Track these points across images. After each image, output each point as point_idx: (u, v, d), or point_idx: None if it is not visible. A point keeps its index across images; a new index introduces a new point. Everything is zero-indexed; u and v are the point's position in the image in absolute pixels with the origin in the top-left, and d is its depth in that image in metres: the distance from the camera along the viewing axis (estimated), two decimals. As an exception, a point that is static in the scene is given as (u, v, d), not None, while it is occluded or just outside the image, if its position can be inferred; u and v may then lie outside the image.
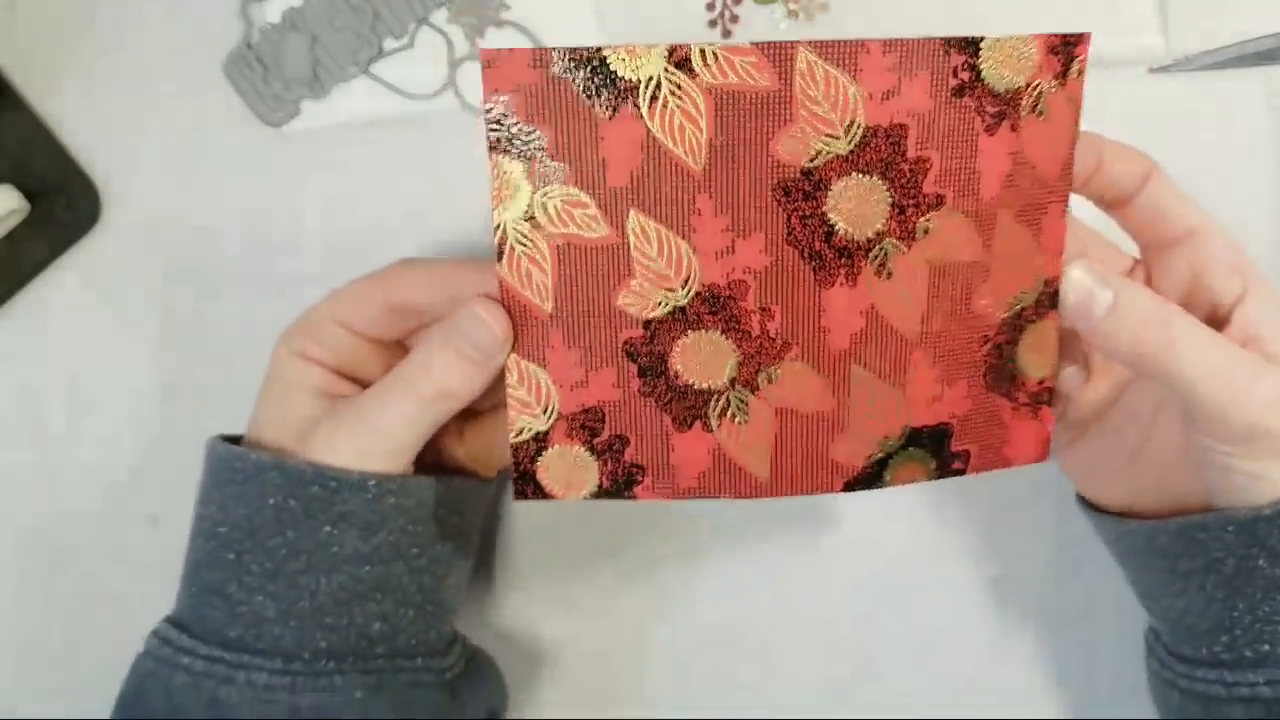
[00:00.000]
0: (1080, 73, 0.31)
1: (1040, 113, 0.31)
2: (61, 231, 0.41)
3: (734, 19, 0.40)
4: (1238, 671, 0.31)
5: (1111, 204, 0.33)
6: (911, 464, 0.33)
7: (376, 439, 0.32)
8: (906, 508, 0.42)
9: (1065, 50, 0.31)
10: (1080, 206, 0.33)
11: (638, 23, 0.40)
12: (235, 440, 0.34)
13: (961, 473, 0.33)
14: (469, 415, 0.35)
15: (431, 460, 0.35)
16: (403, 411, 0.32)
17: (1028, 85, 0.30)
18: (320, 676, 0.31)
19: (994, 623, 0.42)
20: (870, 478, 0.32)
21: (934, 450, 0.33)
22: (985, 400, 0.33)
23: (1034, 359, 0.33)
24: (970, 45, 0.30)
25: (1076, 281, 0.32)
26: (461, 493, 0.35)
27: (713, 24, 0.41)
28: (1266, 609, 0.31)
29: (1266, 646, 0.31)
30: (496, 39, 0.41)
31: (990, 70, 0.30)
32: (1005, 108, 0.30)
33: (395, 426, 0.32)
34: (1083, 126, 0.31)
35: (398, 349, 0.36)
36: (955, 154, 0.30)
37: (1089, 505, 0.36)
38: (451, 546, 0.35)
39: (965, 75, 0.30)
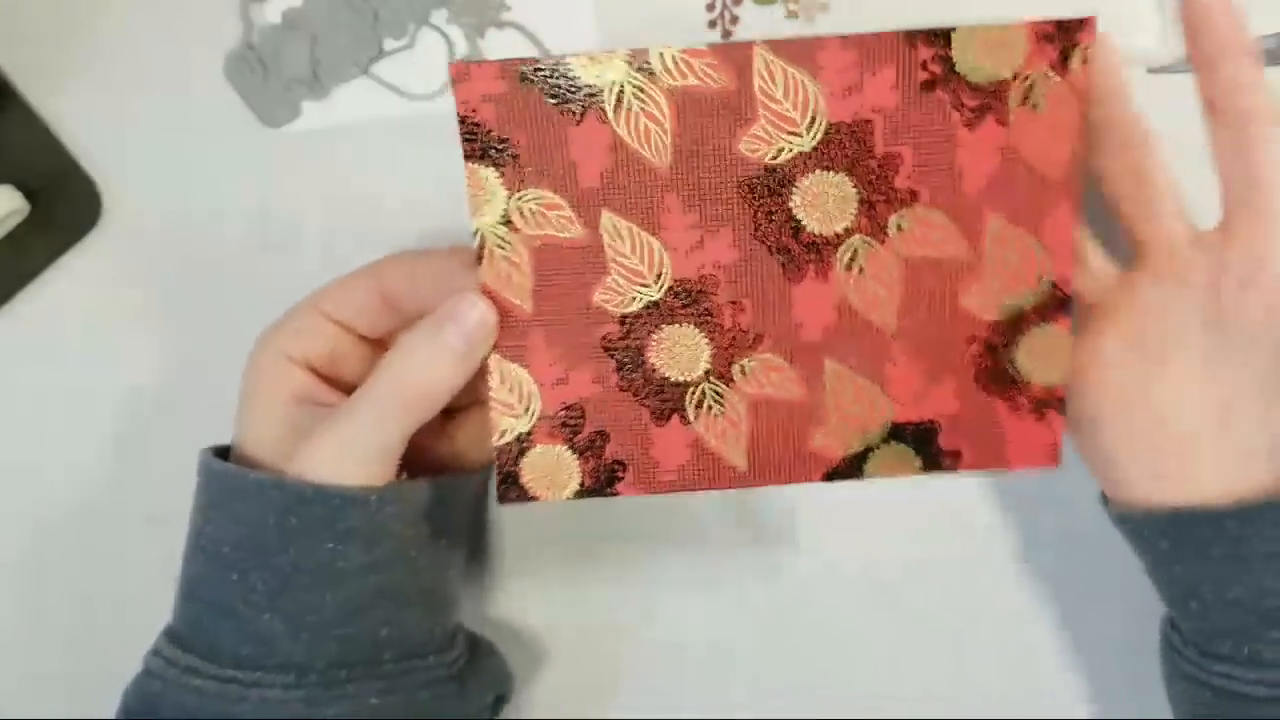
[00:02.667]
0: (1085, 61, 0.30)
1: (1034, 105, 0.30)
2: (62, 232, 0.41)
3: (734, 19, 0.40)
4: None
5: None
6: (894, 459, 0.33)
7: (363, 449, 0.31)
8: (904, 503, 0.42)
9: (1063, 37, 0.30)
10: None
11: (637, 23, 0.40)
12: (224, 451, 0.34)
13: (952, 469, 0.33)
14: (451, 411, 0.35)
15: (417, 458, 0.35)
16: (384, 416, 0.31)
17: (1015, 76, 0.30)
18: (334, 687, 0.32)
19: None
20: (850, 469, 0.33)
21: (918, 447, 0.33)
22: (977, 400, 0.33)
23: (1039, 364, 0.32)
24: (940, 37, 0.29)
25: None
26: (451, 488, 0.35)
27: (712, 24, 0.41)
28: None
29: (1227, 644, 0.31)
30: (496, 40, 0.41)
31: (965, 62, 0.30)
32: (988, 100, 0.30)
33: (380, 434, 0.32)
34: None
35: (381, 350, 0.35)
36: (930, 149, 0.30)
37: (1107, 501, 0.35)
38: (447, 543, 0.35)
39: (936, 68, 0.30)
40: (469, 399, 0.35)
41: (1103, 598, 0.41)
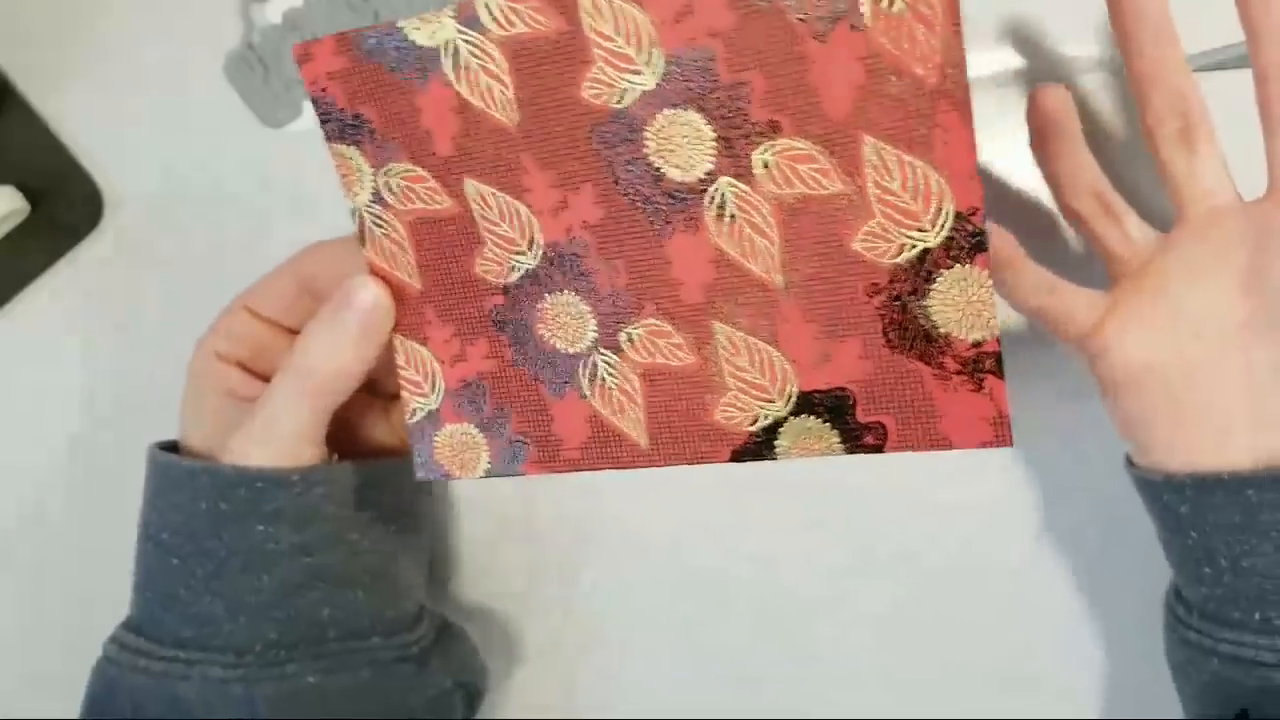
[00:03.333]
0: None
1: (890, 3, 0.25)
2: (62, 232, 0.41)
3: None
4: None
5: None
6: (808, 435, 0.29)
7: (281, 435, 0.32)
8: (903, 498, 0.42)
9: None
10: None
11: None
12: (174, 445, 0.35)
13: (879, 449, 0.28)
14: (390, 396, 0.36)
15: (361, 445, 0.36)
16: (297, 402, 0.32)
17: None
18: (272, 666, 0.32)
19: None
20: (760, 446, 0.29)
21: (834, 420, 0.28)
22: (891, 363, 0.28)
23: (959, 316, 0.27)
24: None
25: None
26: (394, 473, 0.36)
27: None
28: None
29: (1237, 614, 0.31)
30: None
31: None
32: (836, 4, 0.25)
33: (295, 418, 0.32)
34: (1084, 125, 0.30)
35: None
36: (780, 71, 0.26)
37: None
38: (394, 527, 0.35)
39: None
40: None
41: (1117, 596, 0.41)
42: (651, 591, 0.42)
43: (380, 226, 0.31)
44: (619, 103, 0.28)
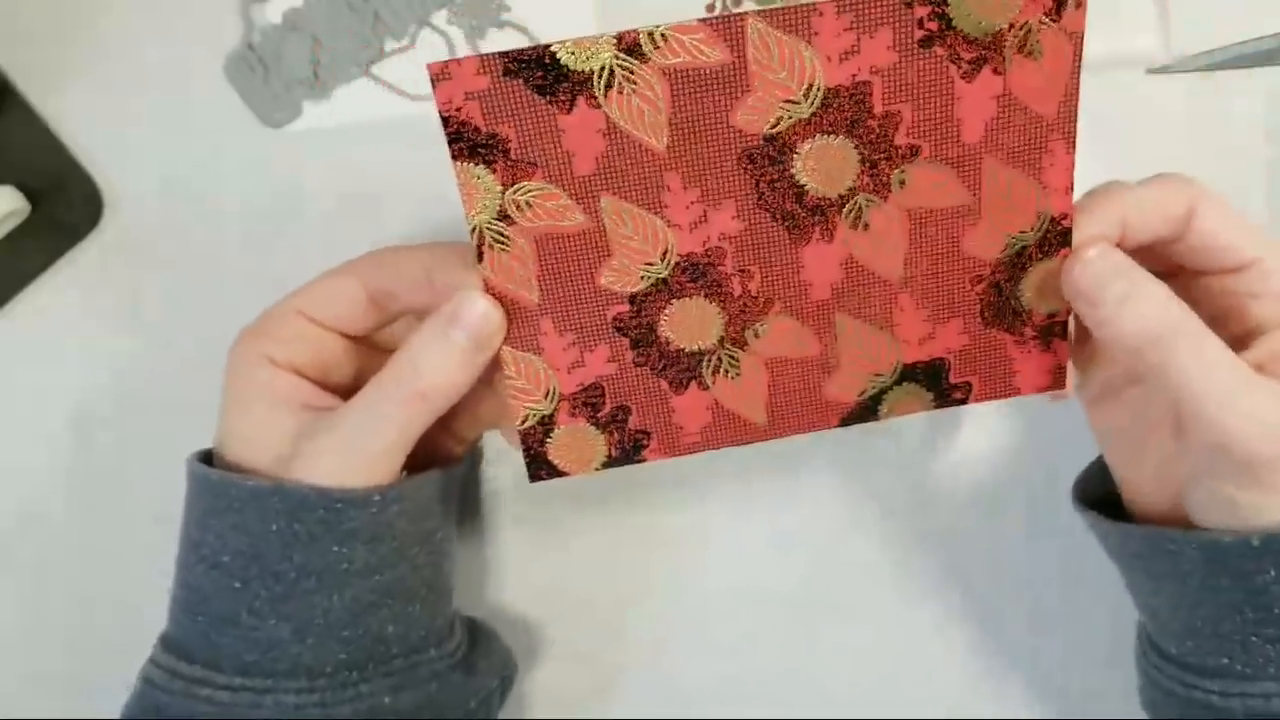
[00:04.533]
0: (1079, 5, 0.30)
1: (1030, 52, 0.30)
2: (62, 232, 0.41)
3: (734, 19, 0.40)
4: (1197, 675, 0.31)
5: (1148, 252, 0.31)
6: (907, 398, 0.34)
7: (371, 450, 0.31)
8: (901, 499, 0.42)
9: None
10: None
11: (639, 23, 0.40)
12: (207, 455, 0.34)
13: (964, 401, 0.34)
14: None
15: (417, 453, 0.35)
16: (394, 418, 0.31)
17: (1011, 26, 0.30)
18: (346, 688, 0.31)
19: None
20: (865, 411, 0.34)
21: (929, 384, 0.34)
22: (984, 336, 0.33)
23: (1041, 295, 0.33)
24: None
25: (1091, 263, 0.30)
26: (452, 482, 0.36)
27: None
28: (1227, 627, 0.30)
29: (1225, 660, 0.31)
30: (497, 40, 0.41)
31: (962, 17, 0.29)
32: (985, 52, 0.30)
33: (387, 436, 0.31)
34: (1083, 124, 0.31)
35: (365, 347, 0.35)
36: (929, 105, 0.30)
37: (1082, 501, 0.35)
38: (442, 535, 0.35)
39: (933, 25, 0.29)
40: None
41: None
42: (683, 596, 0.42)
43: (501, 243, 0.31)
44: (772, 129, 0.30)
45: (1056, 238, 0.32)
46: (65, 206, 0.41)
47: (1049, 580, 0.41)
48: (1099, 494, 0.35)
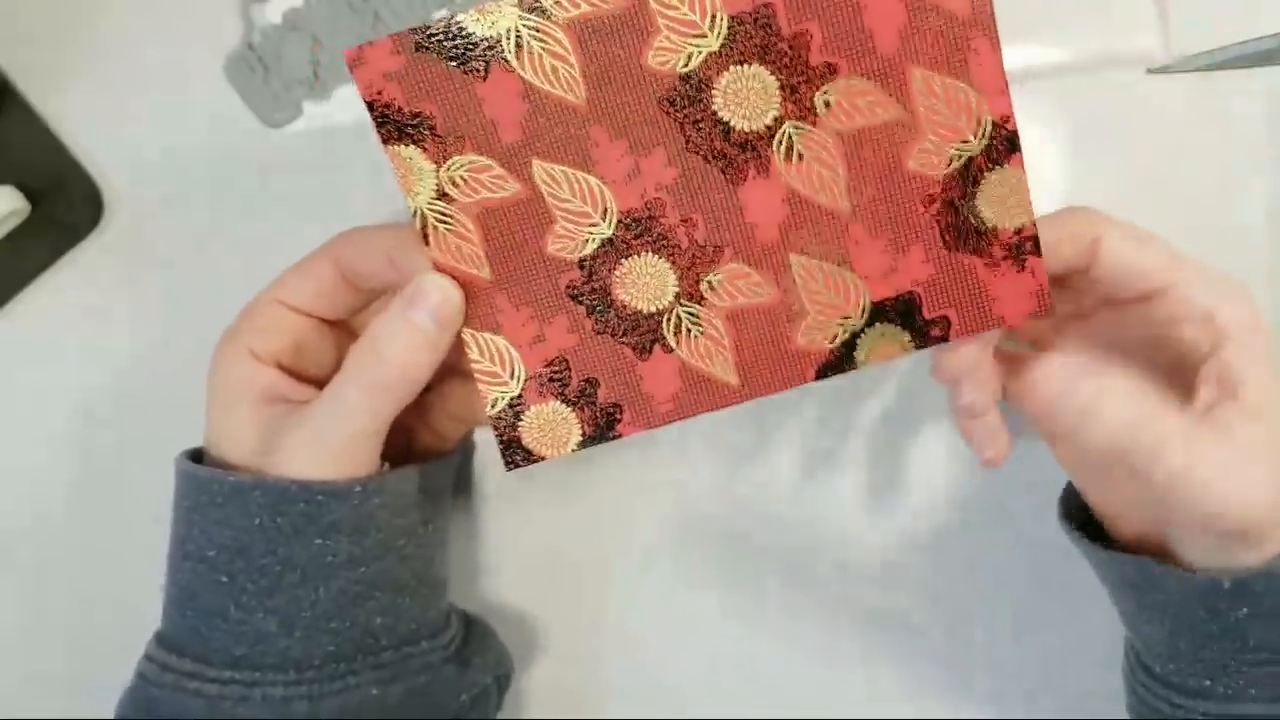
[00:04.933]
0: None
1: None
2: (63, 232, 0.41)
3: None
4: (1182, 695, 0.32)
5: (1065, 285, 0.32)
6: (883, 340, 0.32)
7: (341, 440, 0.31)
8: (901, 499, 0.42)
9: None
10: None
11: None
12: (198, 453, 0.34)
13: (944, 339, 0.32)
14: (423, 390, 0.35)
15: (392, 441, 0.35)
16: (362, 404, 0.31)
17: None
18: (334, 680, 0.32)
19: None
20: (840, 360, 0.33)
21: (904, 322, 0.32)
22: (950, 262, 0.32)
23: (1002, 209, 0.31)
24: None
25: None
26: (438, 473, 0.36)
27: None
28: (1206, 654, 0.31)
29: (1208, 682, 0.31)
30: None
31: None
32: None
33: (356, 423, 0.31)
34: (1082, 124, 0.31)
35: (344, 332, 0.35)
36: (835, 18, 0.30)
37: (1069, 522, 0.35)
38: (433, 527, 0.35)
39: None
40: (437, 377, 0.35)
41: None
42: (676, 587, 0.42)
43: (445, 222, 0.31)
44: (685, 67, 0.30)
45: (1002, 144, 0.31)
46: (65, 206, 0.41)
47: (1049, 580, 0.41)
48: (1085, 507, 0.35)
